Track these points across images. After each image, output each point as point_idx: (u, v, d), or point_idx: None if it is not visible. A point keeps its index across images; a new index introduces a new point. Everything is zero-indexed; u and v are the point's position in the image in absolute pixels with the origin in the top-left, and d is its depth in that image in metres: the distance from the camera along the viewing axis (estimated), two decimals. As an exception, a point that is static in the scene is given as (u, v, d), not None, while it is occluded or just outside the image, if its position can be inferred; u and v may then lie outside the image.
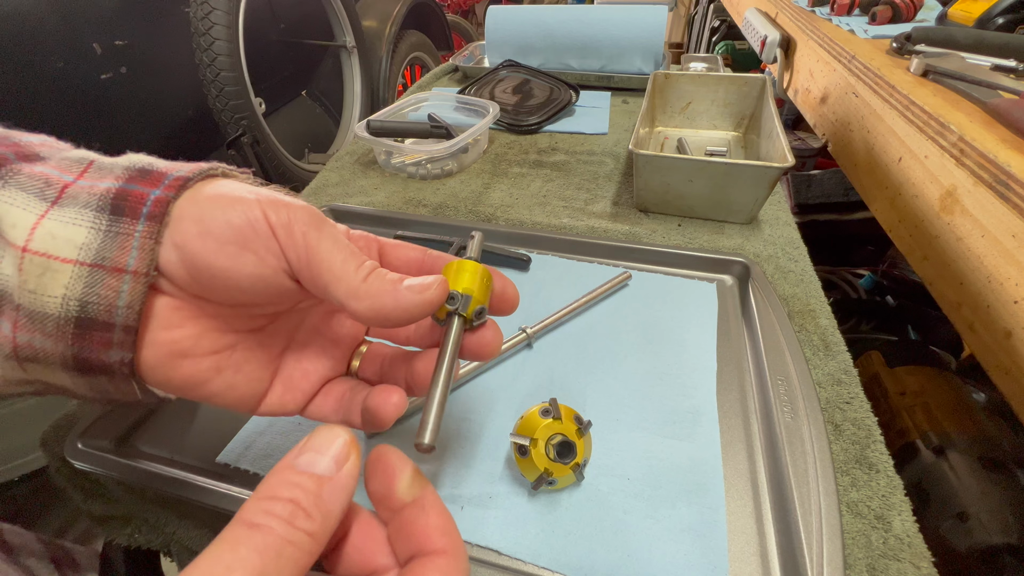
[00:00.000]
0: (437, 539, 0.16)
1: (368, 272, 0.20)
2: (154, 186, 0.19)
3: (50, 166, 0.19)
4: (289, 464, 0.15)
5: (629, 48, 0.86)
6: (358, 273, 0.20)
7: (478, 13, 3.74)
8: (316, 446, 0.16)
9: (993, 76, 0.48)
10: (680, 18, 2.56)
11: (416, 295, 0.20)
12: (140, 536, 0.35)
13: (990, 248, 0.39)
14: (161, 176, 0.20)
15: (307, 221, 0.20)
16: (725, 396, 0.36)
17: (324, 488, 0.14)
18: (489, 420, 0.35)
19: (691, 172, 0.51)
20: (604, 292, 0.44)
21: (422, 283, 0.20)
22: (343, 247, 0.20)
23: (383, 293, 0.19)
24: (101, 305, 0.18)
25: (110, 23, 1.08)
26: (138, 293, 0.18)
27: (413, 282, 0.20)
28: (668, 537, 0.28)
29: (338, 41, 1.64)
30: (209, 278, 0.19)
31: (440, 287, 0.21)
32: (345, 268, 0.19)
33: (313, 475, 0.15)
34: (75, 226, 0.18)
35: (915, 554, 0.27)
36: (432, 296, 0.20)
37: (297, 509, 0.14)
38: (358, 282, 0.19)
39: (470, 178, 0.65)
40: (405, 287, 0.20)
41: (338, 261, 0.20)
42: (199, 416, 0.36)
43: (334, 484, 0.15)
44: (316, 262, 0.19)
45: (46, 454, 0.35)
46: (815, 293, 0.44)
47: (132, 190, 0.19)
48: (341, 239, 0.20)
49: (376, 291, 0.19)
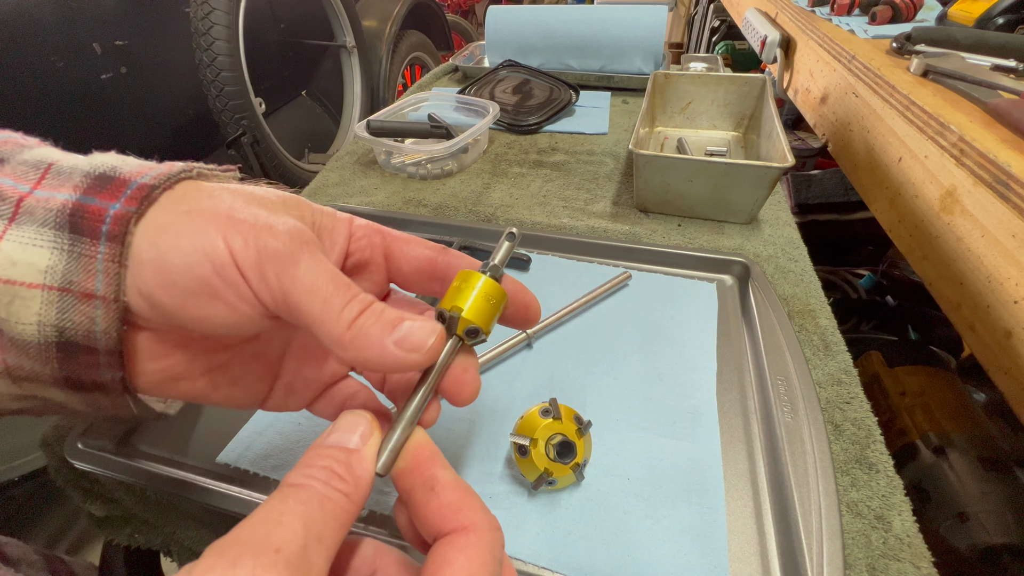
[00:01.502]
0: (451, 519, 0.16)
1: (353, 317, 0.17)
2: (113, 199, 0.17)
3: (5, 172, 0.18)
4: (321, 443, 0.17)
5: (629, 48, 0.86)
6: (341, 319, 0.17)
7: (478, 13, 3.74)
8: (343, 427, 0.18)
9: (993, 76, 0.48)
10: (680, 18, 2.56)
11: (404, 354, 0.17)
12: (140, 536, 0.35)
13: (990, 248, 0.39)
14: (123, 185, 0.18)
15: (281, 255, 0.17)
16: (725, 396, 0.36)
17: (352, 458, 0.17)
18: (489, 420, 0.35)
19: (691, 172, 0.51)
20: (604, 292, 0.44)
21: (413, 341, 0.17)
22: (324, 284, 0.17)
23: (369, 346, 0.17)
24: (78, 331, 0.17)
25: (110, 23, 1.08)
26: (112, 319, 0.17)
27: (403, 335, 0.17)
28: (668, 537, 0.28)
29: (338, 41, 1.64)
30: (182, 324, 0.18)
31: (435, 346, 0.18)
32: (326, 313, 0.17)
33: (343, 448, 0.17)
34: (36, 247, 0.17)
35: (915, 554, 0.27)
36: (423, 359, 0.18)
37: (331, 473, 0.16)
38: (341, 329, 0.17)
39: (470, 178, 0.65)
40: (394, 343, 0.17)
41: (318, 304, 0.17)
42: (199, 416, 0.36)
43: (361, 455, 0.17)
44: (294, 306, 0.17)
45: (46, 454, 0.35)
46: (815, 293, 0.44)
47: (90, 205, 0.17)
48: (323, 273, 0.18)
49: (361, 343, 0.17)
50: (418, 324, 0.18)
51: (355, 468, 0.16)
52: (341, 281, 0.18)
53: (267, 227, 0.18)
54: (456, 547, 0.15)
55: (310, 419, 0.35)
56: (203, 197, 0.18)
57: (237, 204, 0.18)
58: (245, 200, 0.19)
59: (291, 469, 0.16)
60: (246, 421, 0.35)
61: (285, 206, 0.20)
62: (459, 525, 0.16)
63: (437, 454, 0.18)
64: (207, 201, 0.18)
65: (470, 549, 0.15)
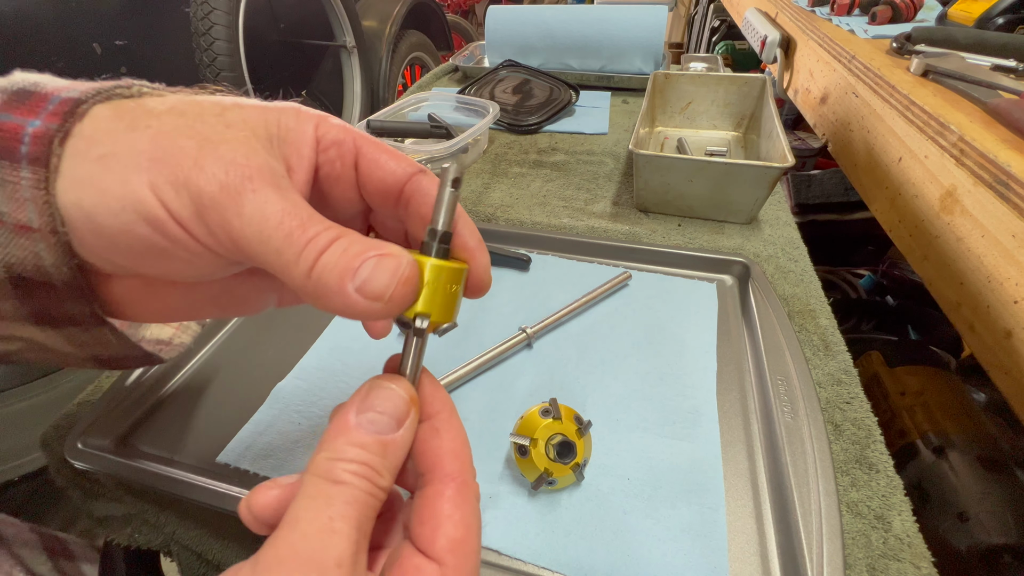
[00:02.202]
0: (448, 463, 0.16)
1: (310, 264, 0.15)
2: (32, 114, 0.15)
3: None
4: (353, 424, 0.15)
5: (629, 48, 0.86)
6: (299, 268, 0.15)
7: (478, 13, 3.74)
8: (379, 406, 0.16)
9: (993, 76, 0.48)
10: (680, 18, 2.56)
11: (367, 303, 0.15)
12: (140, 536, 0.35)
13: (990, 248, 0.39)
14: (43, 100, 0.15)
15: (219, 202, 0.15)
16: (725, 396, 0.36)
17: (389, 450, 0.16)
18: (489, 420, 0.35)
19: (691, 172, 0.51)
20: (604, 292, 0.44)
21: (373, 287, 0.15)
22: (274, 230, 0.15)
23: (329, 293, 0.15)
24: (27, 266, 0.15)
25: (110, 23, 1.08)
26: (59, 254, 0.15)
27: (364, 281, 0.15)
28: (668, 537, 0.28)
29: (338, 41, 1.64)
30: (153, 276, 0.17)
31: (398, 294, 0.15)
32: (282, 263, 0.15)
33: (378, 440, 0.15)
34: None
35: (915, 554, 0.27)
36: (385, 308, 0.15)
37: (371, 470, 0.15)
38: (301, 279, 0.15)
39: (470, 178, 0.65)
40: (355, 291, 0.15)
41: (272, 254, 0.15)
42: (199, 416, 0.36)
43: (397, 444, 0.16)
44: (250, 255, 0.15)
45: (46, 454, 0.35)
46: (815, 293, 0.44)
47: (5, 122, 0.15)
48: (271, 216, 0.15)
49: (322, 291, 0.15)
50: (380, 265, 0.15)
51: (391, 461, 0.16)
52: (294, 222, 0.15)
53: (196, 165, 0.15)
54: (453, 503, 0.16)
55: (310, 419, 0.35)
56: (120, 131, 0.15)
57: (163, 134, 0.15)
58: (173, 125, 0.15)
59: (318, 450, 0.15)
60: (246, 421, 0.35)
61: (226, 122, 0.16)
62: (450, 473, 0.16)
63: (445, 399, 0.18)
64: (125, 136, 0.15)
65: (466, 506, 0.16)
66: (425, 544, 0.15)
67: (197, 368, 0.40)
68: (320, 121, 0.19)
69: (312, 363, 0.39)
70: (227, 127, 0.16)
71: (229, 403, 0.37)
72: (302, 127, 0.18)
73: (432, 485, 0.16)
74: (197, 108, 0.16)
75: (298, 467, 0.32)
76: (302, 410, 0.35)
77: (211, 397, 0.37)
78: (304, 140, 0.18)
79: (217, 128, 0.16)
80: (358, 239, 0.16)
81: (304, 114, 0.18)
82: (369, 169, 0.19)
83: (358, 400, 0.16)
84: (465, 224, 0.19)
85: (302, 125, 0.18)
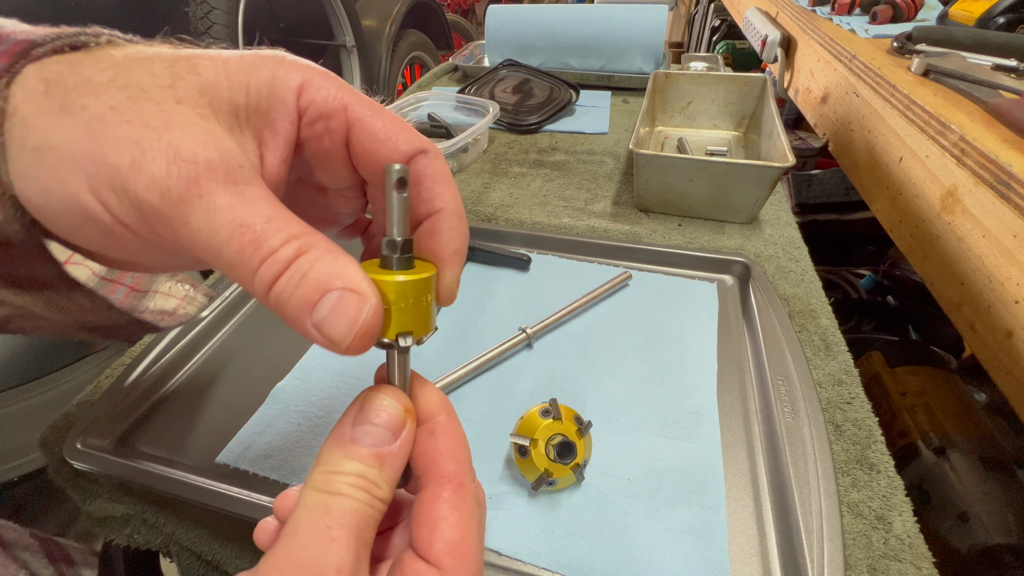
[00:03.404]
0: (445, 465, 0.16)
1: (267, 287, 0.13)
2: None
3: None
4: (349, 437, 0.15)
5: (629, 48, 0.86)
6: (256, 285, 0.14)
7: (478, 12, 3.73)
8: (374, 418, 0.16)
9: (994, 76, 0.48)
10: (680, 17, 2.56)
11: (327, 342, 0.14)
12: (139, 536, 0.35)
13: (991, 248, 0.39)
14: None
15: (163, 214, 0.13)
16: (725, 396, 0.36)
17: (386, 462, 0.15)
18: (489, 420, 0.35)
19: (691, 172, 0.51)
20: (604, 292, 0.44)
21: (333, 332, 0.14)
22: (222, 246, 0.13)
23: (291, 320, 0.14)
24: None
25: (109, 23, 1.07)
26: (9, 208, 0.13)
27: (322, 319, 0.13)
28: (668, 538, 0.28)
29: (338, 41, 1.64)
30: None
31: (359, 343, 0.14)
32: (238, 274, 0.14)
33: (374, 452, 0.15)
34: None
35: (916, 555, 0.27)
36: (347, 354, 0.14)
37: (368, 483, 0.15)
38: (260, 295, 0.14)
39: (470, 178, 0.65)
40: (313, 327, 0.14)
41: (226, 268, 0.14)
42: (199, 416, 0.36)
43: (394, 456, 0.15)
44: (204, 259, 0.14)
45: (45, 454, 0.35)
46: (816, 293, 0.44)
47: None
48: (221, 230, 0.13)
49: (283, 313, 0.14)
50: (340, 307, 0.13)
51: (388, 474, 0.15)
52: (247, 237, 0.13)
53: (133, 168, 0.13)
54: (450, 504, 0.15)
55: (310, 419, 0.35)
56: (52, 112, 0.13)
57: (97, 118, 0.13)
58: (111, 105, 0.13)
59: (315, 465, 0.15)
60: (246, 421, 0.35)
61: (177, 100, 0.14)
62: (447, 475, 0.16)
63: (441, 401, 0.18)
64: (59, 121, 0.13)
65: (463, 507, 0.16)
66: (423, 548, 0.15)
67: (197, 368, 0.40)
68: (305, 84, 0.16)
69: (312, 363, 0.39)
70: (177, 103, 0.14)
71: (229, 403, 0.37)
72: (280, 94, 0.15)
73: (429, 488, 0.16)
74: (144, 78, 0.14)
75: (298, 467, 0.32)
76: (302, 410, 0.35)
77: (211, 397, 0.37)
78: (281, 111, 0.15)
79: (164, 106, 0.14)
80: (322, 257, 0.14)
81: (284, 75, 0.15)
82: (363, 145, 0.16)
83: (353, 413, 0.16)
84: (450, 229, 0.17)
85: (279, 91, 0.15)
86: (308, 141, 0.16)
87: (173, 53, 0.15)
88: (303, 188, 0.20)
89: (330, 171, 0.18)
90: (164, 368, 0.39)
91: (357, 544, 0.14)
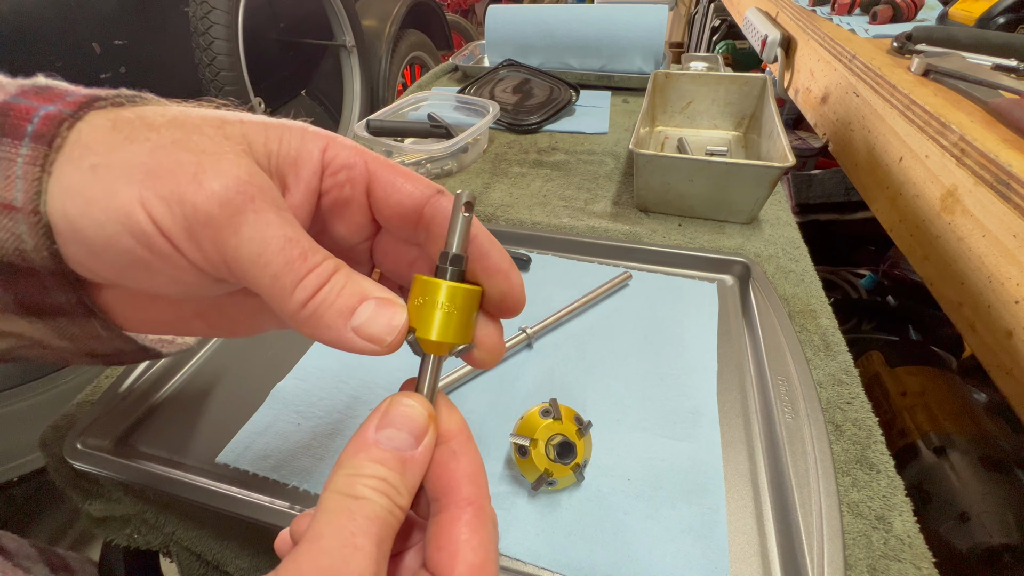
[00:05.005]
0: (465, 487, 0.16)
1: (307, 297, 0.15)
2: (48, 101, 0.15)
3: None
4: (372, 440, 0.15)
5: (629, 47, 0.86)
6: (294, 299, 0.15)
7: (478, 12, 3.73)
8: (397, 422, 0.16)
9: (994, 76, 0.48)
10: (680, 17, 2.56)
11: (364, 343, 0.15)
12: (139, 536, 0.35)
13: (991, 248, 0.39)
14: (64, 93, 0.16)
15: (216, 220, 0.14)
16: (726, 396, 0.36)
17: (407, 467, 0.15)
18: (489, 420, 0.35)
19: (691, 172, 0.51)
20: (604, 292, 0.44)
21: (372, 331, 0.15)
22: (273, 256, 0.15)
23: (325, 329, 0.15)
24: (8, 249, 0.15)
25: (110, 23, 1.07)
26: (39, 237, 0.14)
27: (362, 323, 0.15)
28: (668, 538, 0.28)
29: (338, 40, 1.64)
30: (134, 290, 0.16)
31: (397, 340, 0.16)
32: (276, 289, 0.15)
33: (397, 456, 0.15)
34: None
35: (916, 555, 0.27)
36: (385, 351, 0.16)
37: (390, 487, 0.15)
38: (295, 308, 0.15)
39: (470, 178, 0.65)
40: (352, 330, 0.15)
41: (267, 279, 0.15)
42: (199, 416, 0.36)
43: (416, 462, 0.16)
44: (241, 277, 0.15)
45: (45, 454, 0.35)
46: (816, 293, 0.44)
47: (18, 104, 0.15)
48: (271, 241, 0.15)
49: (316, 324, 0.15)
50: (378, 312, 0.15)
51: (410, 479, 0.15)
52: (296, 251, 0.15)
53: (194, 182, 0.14)
54: (471, 528, 0.15)
55: (309, 419, 0.35)
56: (117, 142, 0.15)
57: (160, 147, 0.15)
58: (172, 138, 0.15)
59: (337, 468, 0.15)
60: (246, 421, 0.35)
61: (226, 137, 0.16)
62: (467, 498, 0.16)
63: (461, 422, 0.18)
64: (121, 148, 0.15)
65: (483, 531, 0.16)
66: (444, 571, 0.15)
67: (196, 368, 0.40)
68: (329, 143, 0.18)
69: (312, 363, 0.39)
70: (226, 139, 0.16)
71: (229, 403, 0.37)
72: (307, 147, 0.17)
73: (449, 510, 0.16)
74: (197, 120, 0.16)
75: (298, 468, 0.32)
76: (302, 410, 0.35)
77: (210, 397, 0.37)
78: (306, 161, 0.17)
79: (216, 141, 0.15)
80: (359, 277, 0.16)
81: (311, 134, 0.18)
82: (385, 192, 0.18)
83: (377, 417, 0.16)
84: (493, 246, 0.18)
85: (307, 145, 0.17)
86: (330, 190, 0.18)
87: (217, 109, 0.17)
88: None
89: (348, 220, 0.19)
90: (164, 368, 0.39)
91: (378, 554, 0.14)
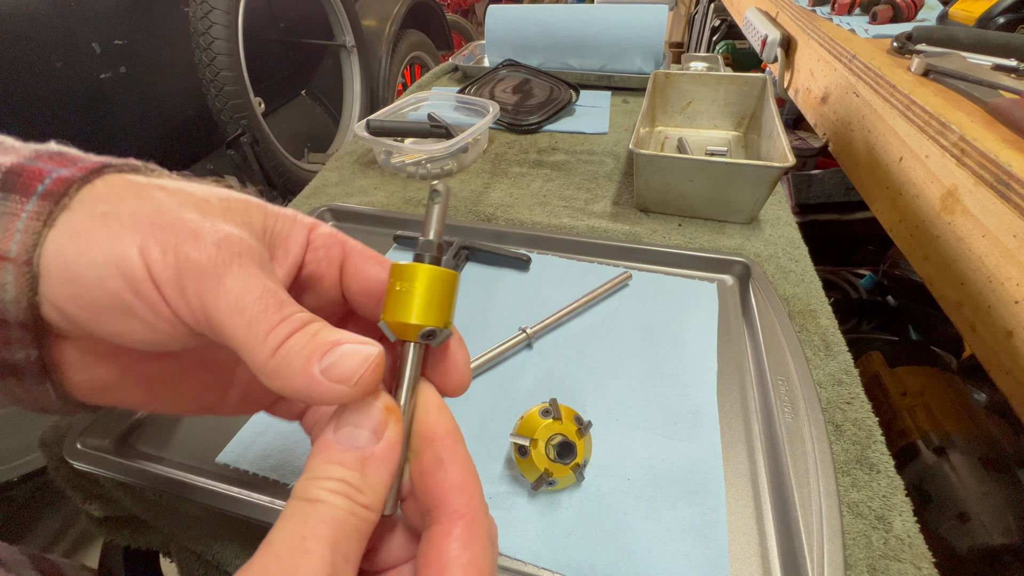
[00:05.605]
0: (455, 498, 0.15)
1: (279, 342, 0.15)
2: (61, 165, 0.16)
3: None
4: (330, 441, 0.15)
5: (629, 48, 0.86)
6: (266, 344, 0.15)
7: (478, 12, 3.73)
8: (353, 420, 0.15)
9: (994, 76, 0.48)
10: (680, 17, 2.56)
11: (330, 385, 0.15)
12: (139, 536, 0.35)
13: (991, 248, 0.39)
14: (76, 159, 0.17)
15: (204, 269, 0.15)
16: (725, 396, 0.36)
17: (368, 465, 0.15)
18: (489, 420, 0.35)
19: (691, 172, 0.51)
20: (604, 292, 0.44)
21: (340, 371, 0.15)
22: (251, 304, 0.15)
23: (293, 375, 0.15)
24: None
25: (110, 23, 1.07)
26: (23, 287, 0.15)
27: (332, 363, 0.15)
28: (668, 537, 0.28)
29: (338, 41, 1.64)
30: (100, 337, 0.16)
31: (367, 379, 0.15)
32: (249, 336, 0.15)
33: (356, 454, 0.15)
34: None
35: (916, 555, 0.27)
36: (352, 392, 0.15)
37: (348, 487, 0.14)
38: (265, 356, 0.15)
39: (470, 178, 0.65)
40: (320, 372, 0.15)
41: (242, 327, 0.15)
42: (199, 416, 0.36)
43: (378, 458, 0.15)
44: (216, 327, 0.15)
45: (45, 454, 0.35)
46: (816, 293, 0.44)
47: (31, 167, 0.16)
48: (251, 291, 0.15)
49: (285, 371, 0.15)
50: (353, 349, 0.15)
51: (371, 476, 0.15)
52: (272, 300, 0.16)
53: (192, 234, 0.15)
54: (462, 543, 0.15)
55: (310, 419, 0.35)
56: (129, 196, 0.16)
57: (167, 206, 0.16)
58: (179, 201, 0.16)
59: (300, 475, 0.15)
60: (245, 421, 0.35)
61: (228, 210, 0.17)
62: (458, 510, 0.15)
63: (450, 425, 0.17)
64: (132, 201, 0.16)
65: (476, 546, 0.15)
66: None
67: (196, 368, 0.40)
68: (314, 226, 0.20)
69: (312, 363, 0.39)
70: (229, 210, 0.17)
71: (228, 403, 0.37)
72: (296, 229, 0.19)
73: (439, 524, 0.15)
74: (205, 191, 0.18)
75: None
76: (302, 410, 0.35)
77: (210, 397, 0.37)
78: (294, 240, 0.19)
79: (220, 208, 0.17)
80: (332, 329, 0.16)
81: (302, 217, 0.20)
82: (355, 271, 0.20)
83: (335, 418, 0.16)
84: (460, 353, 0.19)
85: (296, 228, 0.19)
86: (309, 264, 0.20)
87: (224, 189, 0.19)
88: None
89: (320, 295, 0.21)
90: (164, 368, 0.39)
91: (334, 557, 0.13)
